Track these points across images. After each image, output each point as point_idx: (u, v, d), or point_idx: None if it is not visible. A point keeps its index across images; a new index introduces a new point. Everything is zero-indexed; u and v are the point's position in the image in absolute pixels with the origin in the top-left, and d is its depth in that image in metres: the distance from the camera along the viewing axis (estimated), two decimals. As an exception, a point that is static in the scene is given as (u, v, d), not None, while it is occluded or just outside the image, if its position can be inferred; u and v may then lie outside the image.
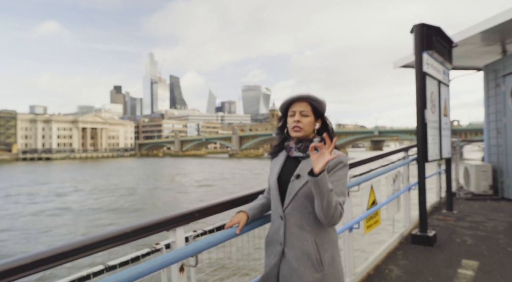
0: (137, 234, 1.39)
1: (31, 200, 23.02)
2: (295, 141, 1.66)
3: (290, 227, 1.56)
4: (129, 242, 1.36)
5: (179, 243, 1.59)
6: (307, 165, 1.55)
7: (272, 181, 1.66)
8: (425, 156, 4.15)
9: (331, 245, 1.56)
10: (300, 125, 1.61)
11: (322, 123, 1.68)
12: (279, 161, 1.69)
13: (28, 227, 15.20)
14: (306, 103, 1.62)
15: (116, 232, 1.31)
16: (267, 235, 1.69)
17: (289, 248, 1.54)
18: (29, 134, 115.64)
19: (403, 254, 3.90)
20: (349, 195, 3.15)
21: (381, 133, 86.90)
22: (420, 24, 4.18)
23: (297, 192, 1.54)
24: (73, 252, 1.16)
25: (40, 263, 1.07)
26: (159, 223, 1.50)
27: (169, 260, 1.42)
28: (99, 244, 1.23)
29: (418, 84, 4.15)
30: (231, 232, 1.77)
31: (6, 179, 39.77)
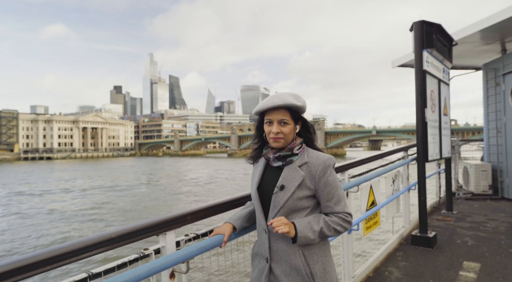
0: (123, 239, 1.32)
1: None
2: (273, 151, 1.51)
3: (276, 241, 1.45)
4: (115, 248, 1.30)
5: (170, 248, 1.53)
6: (290, 173, 1.44)
7: (253, 191, 1.54)
8: (426, 155, 4.08)
9: (322, 255, 1.45)
10: (280, 136, 1.46)
11: (303, 125, 1.55)
12: (259, 169, 1.57)
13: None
14: (284, 110, 1.46)
15: (100, 237, 1.25)
16: (254, 246, 1.59)
17: (276, 263, 1.45)
18: (30, 134, 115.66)
19: (403, 256, 3.84)
20: (348, 196, 3.10)
21: (379, 133, 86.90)
22: (420, 21, 4.11)
23: (282, 205, 1.42)
24: (53, 260, 1.10)
25: (16, 272, 1.00)
26: (147, 227, 1.44)
27: (157, 267, 1.36)
28: (81, 251, 1.16)
29: (418, 83, 4.08)
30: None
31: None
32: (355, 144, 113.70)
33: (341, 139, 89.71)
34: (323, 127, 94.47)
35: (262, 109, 1.49)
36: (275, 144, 1.49)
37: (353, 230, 3.08)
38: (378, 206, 3.60)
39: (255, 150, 1.63)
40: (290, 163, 1.47)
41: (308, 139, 1.55)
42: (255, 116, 1.60)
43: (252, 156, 1.64)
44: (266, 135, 1.52)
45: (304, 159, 1.47)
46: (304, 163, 1.46)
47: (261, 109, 1.49)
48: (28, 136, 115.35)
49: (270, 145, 1.53)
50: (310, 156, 1.48)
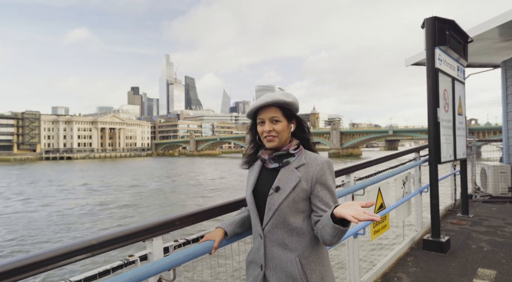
0: (105, 246, 1.28)
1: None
2: (269, 152, 1.47)
3: (271, 247, 1.39)
4: (95, 255, 1.26)
5: (157, 255, 1.48)
6: (287, 175, 1.40)
7: (248, 194, 1.49)
8: (438, 157, 3.93)
9: (319, 264, 1.38)
10: (273, 134, 1.42)
11: (298, 124, 1.50)
12: (254, 172, 1.52)
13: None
14: (275, 108, 1.43)
15: (79, 244, 1.21)
16: (249, 254, 1.52)
17: (271, 271, 1.38)
18: (51, 135, 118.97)
19: (414, 261, 3.70)
20: (354, 199, 3.00)
21: (396, 133, 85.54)
22: (432, 17, 3.96)
23: (277, 207, 1.36)
24: (28, 268, 1.06)
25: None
26: (132, 233, 1.39)
27: (141, 275, 1.31)
28: (57, 259, 1.12)
29: (430, 81, 3.93)
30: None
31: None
32: (371, 144, 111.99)
33: (357, 140, 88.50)
34: (338, 127, 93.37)
35: (253, 110, 1.47)
36: (269, 144, 1.44)
37: (359, 234, 2.98)
38: (387, 209, 3.48)
39: (250, 155, 1.58)
40: (287, 164, 1.42)
41: (304, 139, 1.50)
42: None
43: (246, 161, 1.59)
44: (260, 137, 1.49)
45: (302, 160, 1.42)
46: (302, 164, 1.41)
47: (252, 110, 1.47)
48: (50, 136, 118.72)
49: (265, 146, 1.48)
50: (308, 157, 1.44)
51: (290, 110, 1.45)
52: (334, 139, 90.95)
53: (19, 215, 18.20)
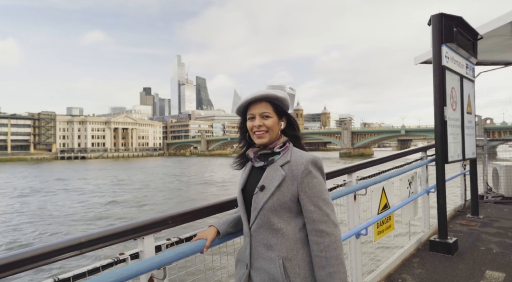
0: (94, 244, 1.29)
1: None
2: (255, 150, 1.45)
3: (256, 246, 1.37)
4: (84, 253, 1.27)
5: (148, 253, 1.49)
6: (271, 173, 1.37)
7: (237, 193, 1.49)
8: (445, 156, 3.84)
9: (304, 268, 1.34)
10: (263, 129, 1.40)
11: (288, 122, 1.48)
12: (245, 170, 1.51)
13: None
14: (266, 103, 1.41)
15: (68, 242, 1.22)
16: (238, 252, 1.53)
17: (255, 271, 1.37)
18: (66, 135, 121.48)
19: (420, 262, 3.63)
20: (356, 199, 2.96)
21: (408, 133, 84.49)
22: (438, 14, 3.88)
23: (262, 206, 1.34)
24: (17, 264, 1.08)
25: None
26: (123, 231, 1.40)
27: (130, 273, 1.32)
28: (44, 256, 1.14)
29: (437, 80, 3.85)
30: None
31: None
32: (384, 144, 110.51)
33: (368, 139, 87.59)
34: (349, 127, 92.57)
35: (244, 104, 1.45)
36: (259, 140, 1.41)
37: (361, 235, 2.94)
38: (392, 209, 3.43)
39: (239, 156, 1.56)
40: (272, 162, 1.40)
41: (294, 137, 1.48)
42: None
43: (237, 161, 1.56)
44: (250, 133, 1.46)
45: (287, 158, 1.40)
46: (286, 162, 1.38)
47: (242, 104, 1.46)
48: (65, 136, 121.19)
49: (255, 142, 1.46)
50: (293, 154, 1.41)
51: (280, 107, 1.44)
52: (345, 139, 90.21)
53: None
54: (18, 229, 14.84)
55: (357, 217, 2.94)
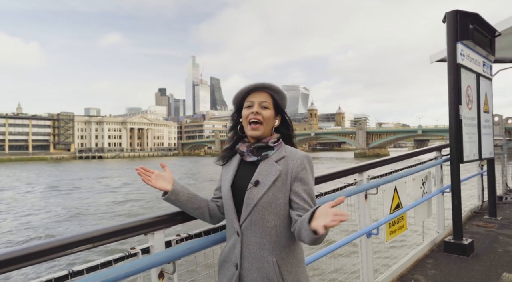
0: (106, 238, 1.34)
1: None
2: (247, 144, 1.42)
3: (248, 245, 1.32)
4: (96, 247, 1.32)
5: (158, 248, 1.53)
6: (266, 168, 1.35)
7: (225, 189, 1.41)
8: (460, 156, 3.77)
9: (296, 265, 1.34)
10: (259, 118, 1.37)
11: (282, 120, 1.47)
12: (232, 166, 1.46)
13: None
14: (266, 94, 1.40)
15: (80, 236, 1.27)
16: (221, 254, 1.46)
17: (246, 271, 1.32)
18: (84, 135, 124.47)
19: (433, 263, 3.58)
20: (367, 198, 2.94)
21: (425, 133, 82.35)
22: (454, 11, 3.81)
23: (257, 202, 1.31)
24: (33, 256, 1.13)
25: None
26: (133, 227, 1.44)
27: (140, 267, 1.38)
28: (57, 249, 1.19)
29: (451, 78, 3.78)
30: (218, 238, 1.68)
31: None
32: (400, 144, 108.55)
33: (384, 139, 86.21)
34: (364, 127, 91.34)
35: (244, 91, 1.43)
36: (252, 131, 1.39)
37: (372, 234, 2.92)
38: (404, 209, 3.39)
39: (227, 149, 1.52)
40: (266, 157, 1.38)
41: (287, 136, 1.48)
42: (295, 117, 1.63)
43: (222, 156, 1.52)
44: (244, 122, 1.43)
45: (282, 153, 1.39)
46: (282, 157, 1.38)
47: (243, 91, 1.43)
48: (83, 136, 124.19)
49: (246, 132, 1.43)
50: (287, 150, 1.41)
51: (279, 103, 1.44)
52: (360, 139, 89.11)
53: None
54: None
55: (368, 216, 2.92)
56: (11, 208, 20.03)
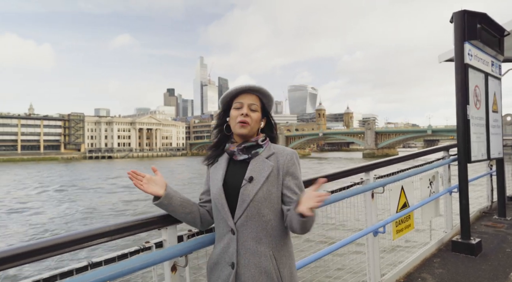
0: (122, 232, 1.41)
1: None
2: (237, 144, 1.46)
3: (245, 242, 1.34)
4: (113, 240, 1.39)
5: (170, 242, 1.60)
6: (258, 165, 1.40)
7: (216, 189, 1.42)
8: (468, 156, 3.78)
9: (289, 258, 1.40)
10: (247, 120, 1.41)
11: (267, 123, 1.52)
12: (221, 166, 1.47)
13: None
14: (255, 97, 1.45)
15: (98, 229, 1.35)
16: (210, 257, 1.48)
17: (243, 268, 1.33)
18: (94, 135, 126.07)
19: (441, 262, 3.59)
20: (374, 197, 2.98)
21: (435, 133, 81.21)
22: (461, 11, 3.82)
23: (252, 197, 1.34)
24: (51, 248, 1.21)
25: (19, 257, 1.13)
26: (148, 222, 1.52)
27: (154, 260, 1.45)
28: (76, 242, 1.27)
29: (459, 78, 3.79)
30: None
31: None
32: (409, 144, 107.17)
33: (393, 139, 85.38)
34: (373, 127, 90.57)
35: (234, 92, 1.46)
36: (240, 130, 1.42)
37: (379, 233, 2.96)
38: (411, 208, 3.42)
39: (213, 148, 1.54)
40: (256, 155, 1.43)
41: (271, 138, 1.53)
42: (303, 117, 1.61)
43: (209, 156, 1.53)
44: (232, 122, 1.45)
45: (271, 150, 1.45)
46: (272, 154, 1.43)
47: (232, 92, 1.46)
48: (92, 137, 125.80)
49: (234, 131, 1.46)
50: (275, 147, 1.47)
51: (265, 106, 1.50)
52: (368, 139, 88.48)
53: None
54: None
55: (375, 215, 2.96)
56: (43, 204, 21.13)
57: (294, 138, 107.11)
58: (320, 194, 1.16)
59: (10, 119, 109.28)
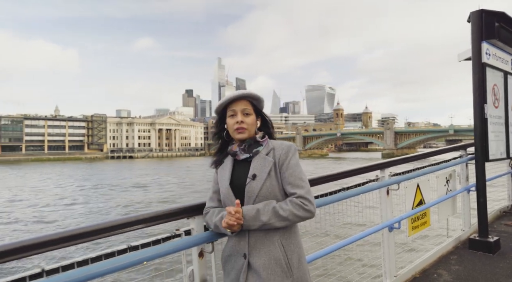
0: (156, 219, 1.61)
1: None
2: (237, 144, 1.57)
3: (254, 233, 1.46)
4: (149, 227, 1.58)
5: (198, 230, 1.77)
6: (260, 162, 1.51)
7: (224, 188, 1.55)
8: (485, 154, 3.80)
9: (297, 246, 1.50)
10: (244, 126, 1.52)
11: (262, 121, 1.63)
12: (227, 167, 1.59)
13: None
14: (246, 101, 1.55)
15: (138, 216, 1.54)
16: (224, 250, 1.59)
17: (254, 258, 1.44)
18: (116, 135, 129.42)
19: (457, 259, 3.63)
20: (389, 194, 3.07)
21: (457, 132, 78.16)
22: (479, 10, 3.84)
23: (257, 193, 1.45)
24: (96, 232, 1.41)
25: (77, 237, 1.34)
26: (178, 211, 1.70)
27: (183, 245, 1.63)
28: (121, 226, 1.47)
29: (476, 77, 3.82)
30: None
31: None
32: (430, 144, 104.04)
33: (413, 140, 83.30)
34: (392, 126, 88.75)
35: (226, 102, 1.57)
36: (239, 135, 1.54)
37: (394, 228, 3.04)
38: (427, 205, 3.48)
39: (217, 153, 1.67)
40: (257, 153, 1.53)
41: (268, 134, 1.63)
42: (321, 117, 1.71)
43: (215, 160, 1.66)
44: (230, 129, 1.57)
45: (270, 146, 1.57)
46: (271, 149, 1.55)
47: (224, 102, 1.57)
48: (114, 137, 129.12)
49: (234, 137, 1.58)
50: (274, 143, 1.58)
51: (258, 107, 1.60)
52: (387, 139, 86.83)
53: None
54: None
55: (390, 211, 3.05)
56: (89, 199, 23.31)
57: (312, 138, 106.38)
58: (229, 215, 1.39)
59: (37, 121, 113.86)
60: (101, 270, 1.35)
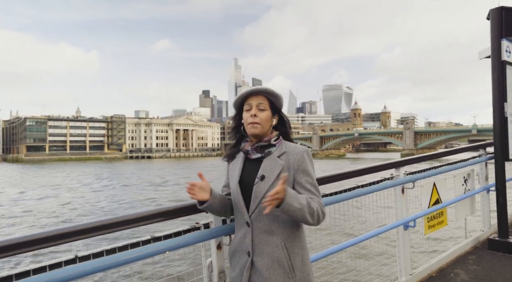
0: (178, 213, 1.70)
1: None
2: (251, 143, 1.58)
3: (258, 233, 1.48)
4: (171, 219, 1.68)
5: (216, 223, 1.86)
6: (270, 164, 1.50)
7: (233, 185, 1.56)
8: (505, 153, 3.74)
9: (301, 248, 1.51)
10: (257, 121, 1.52)
11: (279, 119, 1.63)
12: (238, 164, 1.61)
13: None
14: (263, 97, 1.56)
15: (160, 209, 1.65)
16: (231, 245, 1.62)
17: (258, 257, 1.46)
18: (134, 136, 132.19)
19: (476, 260, 3.60)
20: (404, 192, 3.09)
21: (480, 132, 74.97)
22: (498, 8, 3.80)
23: (264, 194, 1.45)
24: (121, 223, 1.52)
25: (104, 227, 1.45)
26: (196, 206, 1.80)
27: (202, 237, 1.74)
28: (143, 219, 1.57)
29: (495, 75, 3.77)
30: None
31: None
32: (452, 144, 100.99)
33: (434, 140, 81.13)
34: (412, 126, 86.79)
35: (243, 95, 1.59)
36: (252, 130, 1.54)
37: (409, 227, 3.05)
38: (443, 204, 3.46)
39: (232, 147, 1.69)
40: (269, 154, 1.53)
41: (285, 134, 1.63)
42: (338, 116, 1.72)
43: (229, 154, 1.69)
44: (245, 123, 1.59)
45: (283, 149, 1.55)
46: (283, 153, 1.53)
47: (241, 96, 1.59)
48: (133, 137, 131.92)
49: (247, 131, 1.58)
50: (288, 146, 1.57)
51: (275, 104, 1.59)
52: (407, 139, 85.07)
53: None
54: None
55: (405, 209, 3.06)
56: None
57: (329, 138, 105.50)
58: (271, 195, 1.29)
59: (60, 122, 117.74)
60: (127, 258, 1.46)
